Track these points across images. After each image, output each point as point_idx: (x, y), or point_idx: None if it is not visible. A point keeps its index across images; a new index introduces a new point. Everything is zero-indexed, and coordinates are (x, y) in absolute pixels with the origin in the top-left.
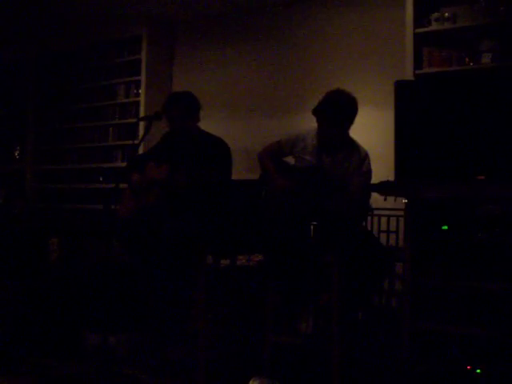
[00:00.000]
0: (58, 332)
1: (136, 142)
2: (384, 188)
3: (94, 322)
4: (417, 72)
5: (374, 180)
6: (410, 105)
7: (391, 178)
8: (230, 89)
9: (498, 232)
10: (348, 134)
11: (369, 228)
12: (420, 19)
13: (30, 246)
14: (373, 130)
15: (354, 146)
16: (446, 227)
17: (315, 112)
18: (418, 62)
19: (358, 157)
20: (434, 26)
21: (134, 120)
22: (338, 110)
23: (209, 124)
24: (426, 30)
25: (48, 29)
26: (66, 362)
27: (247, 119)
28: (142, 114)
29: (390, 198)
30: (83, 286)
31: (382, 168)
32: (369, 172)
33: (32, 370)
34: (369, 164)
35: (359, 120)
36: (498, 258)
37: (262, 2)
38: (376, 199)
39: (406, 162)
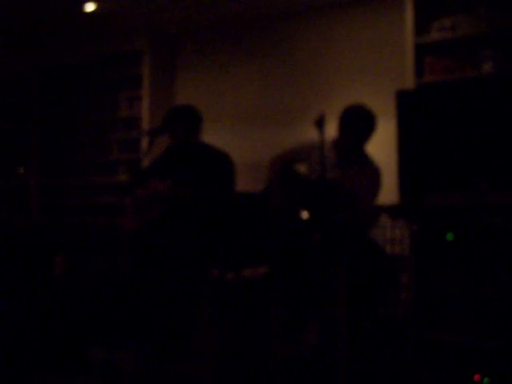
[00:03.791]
0: (63, 347)
1: (140, 156)
2: (393, 211)
3: (99, 338)
4: (418, 81)
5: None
6: (412, 114)
7: (393, 187)
8: (232, 101)
9: (502, 240)
10: (363, 149)
11: (373, 238)
12: (420, 28)
13: (34, 261)
14: (374, 140)
15: (367, 161)
16: (451, 236)
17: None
18: (419, 72)
19: (371, 172)
20: (435, 35)
21: (137, 134)
22: (362, 126)
23: (212, 137)
24: (426, 39)
25: (50, 43)
26: (71, 377)
27: (250, 132)
28: (144, 127)
29: None
30: (88, 301)
31: (384, 178)
32: (379, 189)
33: None
34: (380, 181)
35: None
36: (503, 266)
37: (263, 15)
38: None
39: (409, 172)
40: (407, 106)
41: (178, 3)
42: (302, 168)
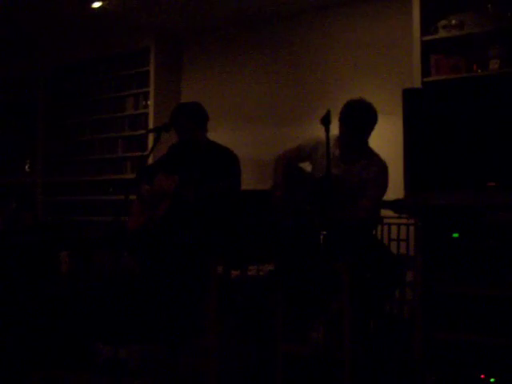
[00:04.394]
0: (69, 344)
1: (146, 153)
2: (397, 206)
3: (105, 334)
4: (425, 80)
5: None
6: (419, 113)
7: (400, 185)
8: (238, 99)
9: (509, 239)
10: (368, 145)
11: (379, 237)
12: (427, 27)
13: (39, 258)
14: (381, 139)
15: (373, 157)
16: (456, 235)
17: (320, 119)
18: (425, 70)
19: (376, 168)
20: (442, 34)
21: (143, 131)
22: (360, 118)
23: (217, 134)
24: (433, 37)
25: (57, 42)
26: (77, 374)
27: (255, 129)
28: (150, 125)
29: None
30: (94, 297)
31: (390, 176)
32: (385, 185)
33: (42, 382)
34: (386, 177)
35: None
36: (509, 265)
37: (269, 14)
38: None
39: (415, 170)
40: (414, 104)
41: (184, 2)
42: (306, 165)
